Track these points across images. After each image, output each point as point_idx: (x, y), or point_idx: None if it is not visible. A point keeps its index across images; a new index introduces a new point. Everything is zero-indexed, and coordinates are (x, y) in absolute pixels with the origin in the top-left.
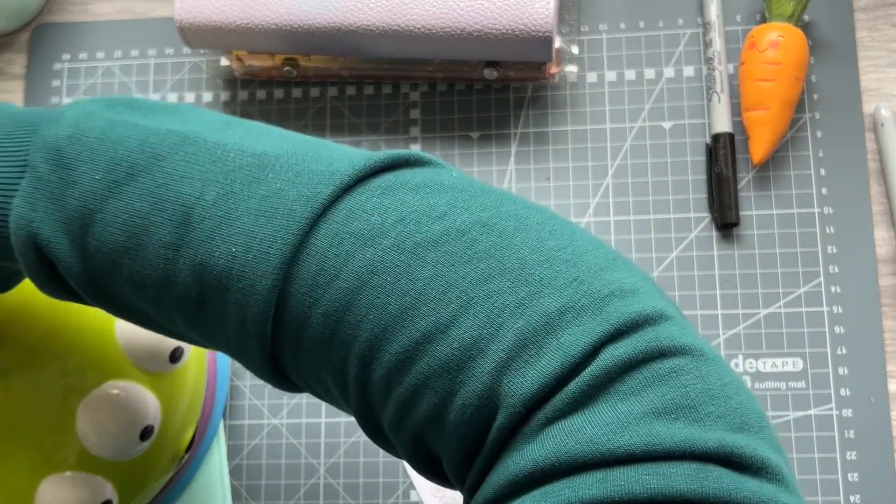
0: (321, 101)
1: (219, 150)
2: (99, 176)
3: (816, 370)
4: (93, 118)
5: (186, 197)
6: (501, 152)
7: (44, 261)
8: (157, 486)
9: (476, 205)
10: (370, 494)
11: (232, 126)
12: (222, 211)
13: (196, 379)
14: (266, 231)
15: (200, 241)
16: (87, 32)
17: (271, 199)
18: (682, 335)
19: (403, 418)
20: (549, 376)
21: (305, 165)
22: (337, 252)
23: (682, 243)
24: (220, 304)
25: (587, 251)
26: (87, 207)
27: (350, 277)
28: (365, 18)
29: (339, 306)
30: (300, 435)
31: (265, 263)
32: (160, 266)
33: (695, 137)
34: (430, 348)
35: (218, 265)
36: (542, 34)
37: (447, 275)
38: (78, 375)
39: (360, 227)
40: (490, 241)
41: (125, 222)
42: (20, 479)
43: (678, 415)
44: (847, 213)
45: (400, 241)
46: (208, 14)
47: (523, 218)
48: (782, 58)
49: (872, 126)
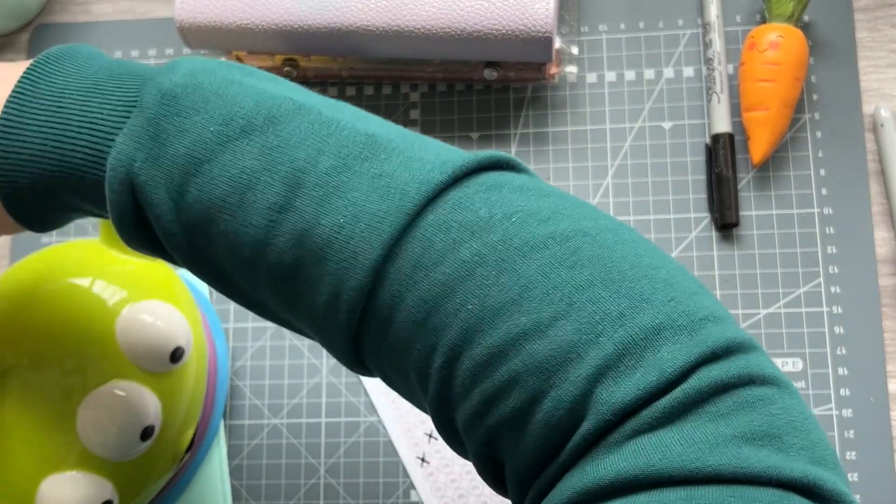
0: None
1: (333, 125)
2: (213, 127)
3: (816, 370)
4: (210, 72)
5: (300, 162)
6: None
7: (135, 205)
8: (158, 485)
9: (576, 213)
10: (370, 494)
11: (342, 106)
12: (334, 181)
13: (196, 379)
14: (376, 207)
15: (308, 206)
16: (88, 32)
17: (384, 178)
18: (769, 366)
19: (484, 415)
20: (643, 389)
21: (415, 153)
22: (444, 239)
23: (682, 243)
24: (316, 275)
25: (680, 273)
26: (195, 156)
27: (454, 265)
28: (365, 19)
29: (438, 292)
30: (300, 435)
31: (372, 238)
32: (261, 226)
33: (695, 138)
34: (527, 346)
35: (322, 233)
36: (542, 34)
37: (551, 276)
38: (79, 375)
39: (468, 218)
40: (592, 250)
41: (233, 177)
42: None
43: (764, 442)
44: (847, 214)
45: (507, 238)
46: (208, 14)
47: (620, 233)
48: (782, 58)
49: (872, 126)
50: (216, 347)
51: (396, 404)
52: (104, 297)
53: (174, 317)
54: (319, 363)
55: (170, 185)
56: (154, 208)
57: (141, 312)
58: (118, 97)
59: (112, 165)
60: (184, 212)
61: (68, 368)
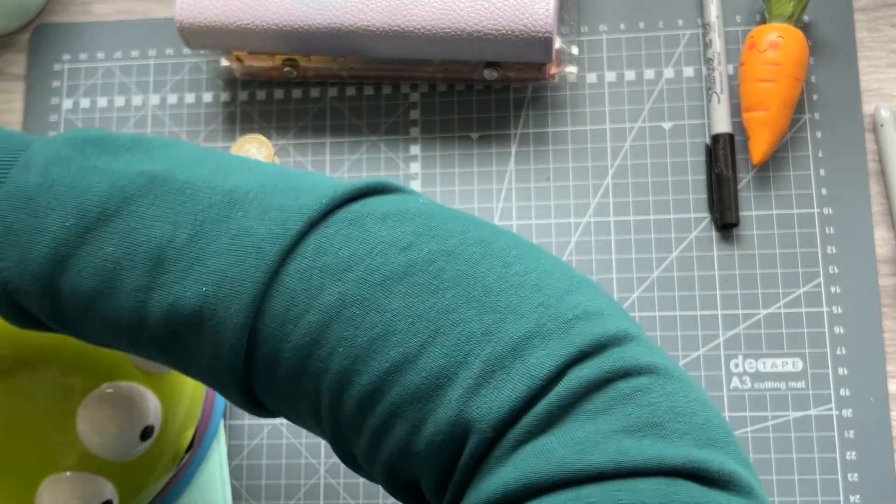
0: (321, 102)
1: (188, 190)
2: (70, 223)
3: (816, 370)
4: (62, 164)
5: (158, 240)
6: (501, 153)
7: (14, 304)
8: (158, 486)
9: (443, 232)
10: (370, 494)
11: (202, 161)
12: (194, 251)
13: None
14: (237, 269)
15: (172, 282)
16: (88, 33)
17: (241, 237)
18: (646, 355)
19: (377, 448)
20: (515, 399)
21: (274, 201)
22: (307, 287)
23: (682, 244)
24: (193, 342)
25: (552, 274)
26: (57, 254)
27: (320, 312)
28: (365, 19)
29: (309, 340)
30: (300, 435)
31: (236, 302)
32: (132, 308)
33: (695, 138)
34: (400, 378)
35: (190, 305)
36: (542, 35)
37: (415, 306)
38: (78, 375)
39: (328, 262)
40: (456, 269)
41: (97, 267)
42: (21, 479)
43: (646, 432)
44: (847, 214)
45: (368, 274)
46: (208, 14)
47: (489, 243)
48: (782, 58)
49: (872, 126)
50: None
51: None
52: None
53: None
54: None
55: (43, 284)
56: (32, 307)
57: None
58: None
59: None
60: (61, 306)
61: (68, 368)
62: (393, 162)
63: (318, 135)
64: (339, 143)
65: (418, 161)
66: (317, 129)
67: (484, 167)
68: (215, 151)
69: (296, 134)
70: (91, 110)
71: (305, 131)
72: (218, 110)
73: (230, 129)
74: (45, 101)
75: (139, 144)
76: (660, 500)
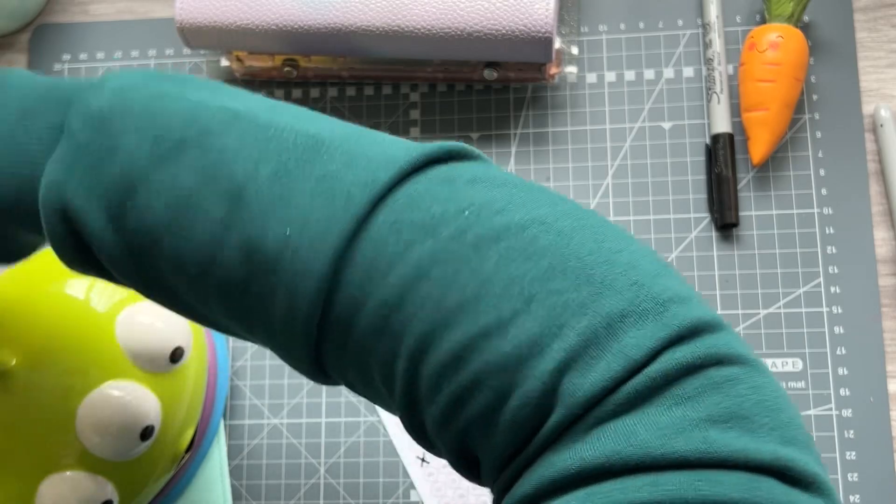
0: (321, 102)
1: (272, 129)
2: (146, 146)
3: (816, 370)
4: (138, 88)
5: (239, 173)
6: (501, 153)
7: (72, 232)
8: (158, 486)
9: (533, 201)
10: (370, 494)
11: (281, 107)
12: (277, 190)
13: (196, 379)
14: (323, 213)
15: (252, 219)
16: (88, 33)
17: (328, 180)
18: (739, 344)
19: (452, 416)
20: (609, 379)
21: (361, 150)
22: (396, 240)
23: (681, 244)
24: (267, 289)
25: (643, 256)
26: (129, 179)
27: (408, 267)
28: (365, 19)
29: (394, 296)
30: (300, 435)
31: (321, 247)
32: (206, 243)
33: (694, 138)
34: (489, 345)
35: (270, 246)
36: (542, 35)
37: (509, 270)
38: (78, 375)
39: (419, 217)
40: (549, 239)
41: (171, 196)
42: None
43: (733, 424)
44: (847, 214)
45: (460, 233)
46: (208, 14)
47: (580, 217)
48: (782, 58)
49: (872, 126)
50: (216, 347)
51: None
52: (104, 297)
53: (174, 317)
54: None
55: (108, 210)
56: (93, 236)
57: (140, 313)
58: (46, 121)
59: (44, 194)
60: (125, 236)
61: (68, 368)
62: None
63: None
64: None
65: None
66: None
67: None
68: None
69: None
70: None
71: None
72: None
73: None
74: None
75: (217, 84)
76: (742, 494)
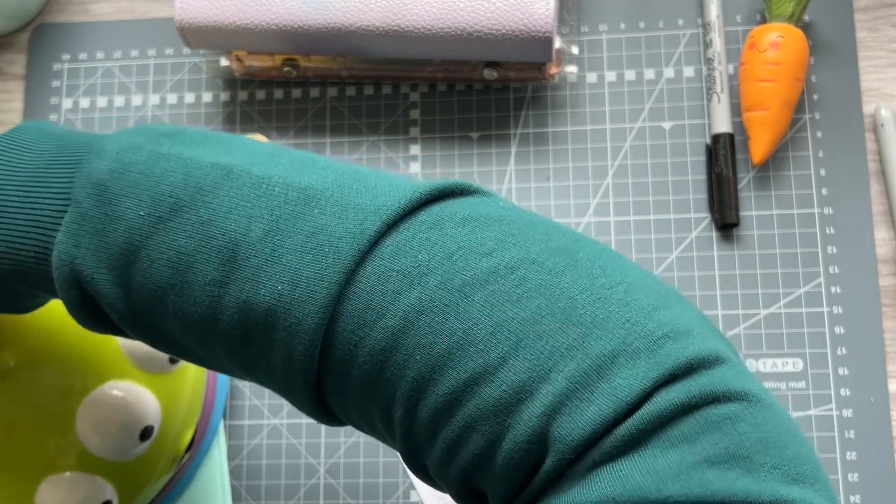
0: (321, 102)
1: (264, 185)
2: (143, 212)
3: (816, 370)
4: (136, 151)
5: (232, 233)
6: (501, 153)
7: (86, 296)
8: (157, 486)
9: (525, 239)
10: (370, 494)
11: (277, 157)
12: (268, 248)
13: (196, 379)
14: (312, 269)
15: (246, 278)
16: (87, 32)
17: (317, 235)
18: (737, 379)
19: (450, 460)
20: (599, 422)
21: (351, 199)
22: (384, 290)
23: (682, 244)
24: (266, 342)
25: (639, 288)
26: (131, 243)
27: (397, 317)
28: (365, 19)
29: (385, 345)
30: (300, 435)
31: (311, 302)
32: (205, 303)
33: (695, 138)
34: (479, 390)
35: (264, 303)
36: (542, 34)
37: (496, 314)
38: (78, 375)
39: (406, 265)
40: (539, 278)
41: (170, 259)
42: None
43: (732, 464)
44: (847, 214)
45: (447, 280)
46: (208, 14)
47: (573, 252)
48: (782, 58)
49: (872, 126)
50: None
51: None
52: None
53: None
54: None
55: (115, 274)
56: (104, 299)
57: None
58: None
59: (56, 265)
60: (132, 298)
61: (68, 368)
62: (393, 162)
63: (317, 135)
64: (339, 142)
65: (418, 161)
66: (317, 129)
67: (484, 167)
68: (289, 148)
69: (296, 134)
70: (91, 110)
71: (305, 131)
72: (218, 110)
73: (230, 129)
74: (44, 101)
75: (214, 138)
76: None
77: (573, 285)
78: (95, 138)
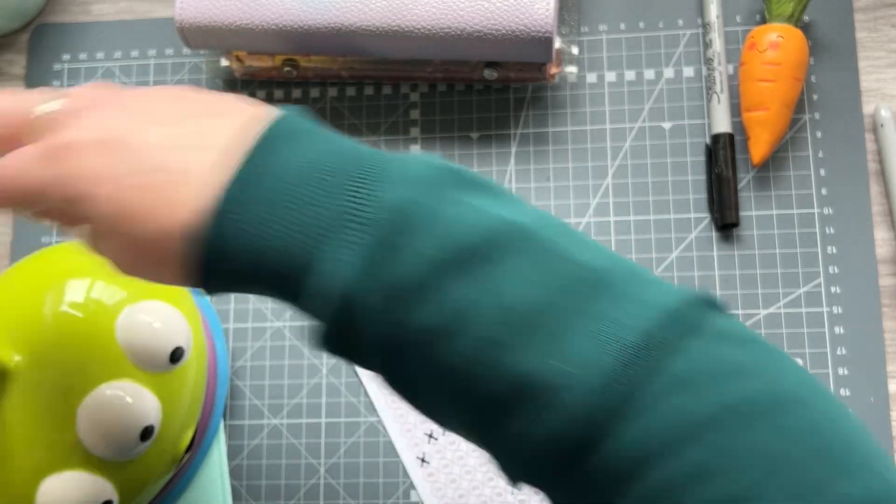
0: (321, 102)
1: (555, 255)
2: (432, 252)
3: (816, 370)
4: (431, 186)
5: (521, 297)
6: (501, 153)
7: (343, 321)
8: (158, 486)
9: (776, 366)
10: (370, 494)
11: (550, 222)
12: (556, 322)
13: (196, 379)
14: (594, 356)
15: (526, 347)
16: (88, 33)
17: (604, 322)
18: None
19: None
20: None
21: (635, 291)
22: (667, 400)
23: (682, 244)
24: (519, 416)
25: (870, 435)
26: (413, 281)
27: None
28: (365, 19)
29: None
30: (300, 435)
31: (591, 390)
32: (472, 358)
33: (695, 138)
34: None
35: (538, 376)
36: (542, 35)
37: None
38: (78, 375)
39: (679, 370)
40: (803, 415)
41: (454, 303)
42: (21, 478)
43: None
44: (847, 214)
45: (724, 400)
46: (208, 14)
47: (815, 389)
48: (782, 58)
49: (872, 126)
50: (216, 347)
51: (396, 404)
52: (104, 297)
53: (174, 317)
54: (319, 363)
55: (385, 308)
56: (366, 329)
57: (141, 313)
58: (336, 199)
59: (327, 281)
60: (396, 334)
61: (68, 368)
62: None
63: None
64: None
65: None
66: None
67: (484, 167)
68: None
69: None
70: None
71: None
72: None
73: None
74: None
75: (489, 187)
76: None
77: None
78: (385, 160)
